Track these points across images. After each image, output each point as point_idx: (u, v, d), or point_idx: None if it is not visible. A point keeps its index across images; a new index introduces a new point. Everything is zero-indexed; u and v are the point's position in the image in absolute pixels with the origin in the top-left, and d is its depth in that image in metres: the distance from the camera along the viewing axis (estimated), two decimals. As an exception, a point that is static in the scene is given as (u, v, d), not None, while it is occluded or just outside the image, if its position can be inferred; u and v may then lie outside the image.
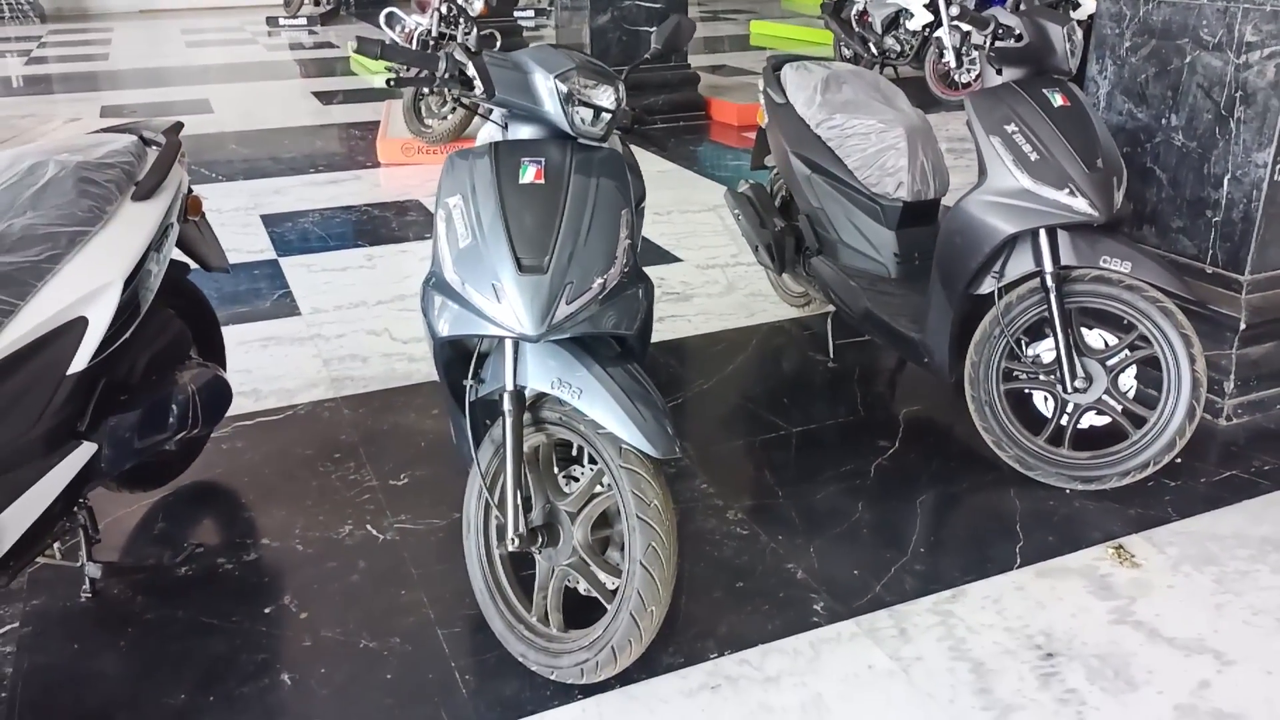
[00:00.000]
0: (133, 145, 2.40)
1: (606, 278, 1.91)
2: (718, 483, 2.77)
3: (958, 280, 2.71)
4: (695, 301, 4.07)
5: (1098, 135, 2.61)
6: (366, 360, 3.54)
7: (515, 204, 1.92)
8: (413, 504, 2.68)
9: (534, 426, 2.03)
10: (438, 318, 1.97)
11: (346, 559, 2.46)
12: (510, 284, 1.86)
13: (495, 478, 2.07)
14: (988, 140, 2.60)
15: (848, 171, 3.21)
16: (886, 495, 2.71)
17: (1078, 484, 2.69)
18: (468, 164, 2.00)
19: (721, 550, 2.48)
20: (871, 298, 3.13)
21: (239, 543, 2.53)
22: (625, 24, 7.52)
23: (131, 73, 10.07)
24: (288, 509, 2.67)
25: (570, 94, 1.95)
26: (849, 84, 3.36)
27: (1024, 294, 2.68)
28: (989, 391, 2.74)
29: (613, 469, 1.91)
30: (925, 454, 2.90)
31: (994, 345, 2.73)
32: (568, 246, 1.89)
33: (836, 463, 2.86)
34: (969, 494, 2.72)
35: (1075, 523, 2.58)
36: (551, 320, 1.85)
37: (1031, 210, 2.55)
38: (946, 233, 2.71)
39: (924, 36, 8.23)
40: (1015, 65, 2.65)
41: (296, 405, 3.22)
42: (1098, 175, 2.54)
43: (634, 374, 1.94)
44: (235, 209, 5.35)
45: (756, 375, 3.47)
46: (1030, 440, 2.73)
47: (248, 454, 2.94)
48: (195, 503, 2.71)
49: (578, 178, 1.96)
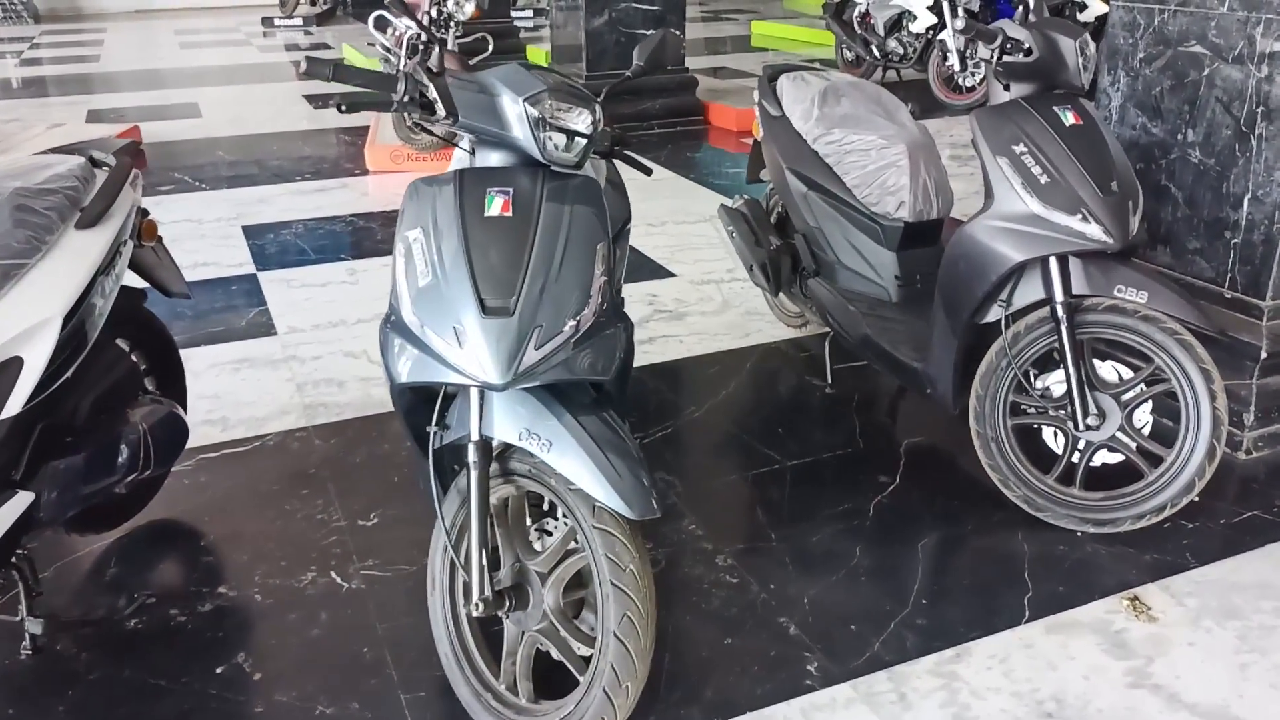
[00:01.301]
0: (79, 168, 2.25)
1: (580, 319, 1.75)
2: (706, 523, 2.61)
3: (962, 309, 2.55)
4: (688, 320, 3.90)
5: (1112, 156, 2.44)
6: (343, 385, 3.38)
7: (480, 238, 1.75)
8: (381, 547, 2.52)
9: (502, 477, 1.87)
10: (396, 362, 1.81)
11: (308, 610, 2.30)
12: (473, 327, 1.70)
13: (461, 533, 1.91)
14: (995, 161, 2.44)
15: (846, 189, 3.05)
16: (886, 538, 2.55)
17: (1089, 527, 2.53)
18: (430, 193, 1.83)
19: (709, 601, 2.32)
20: (871, 323, 2.96)
21: (194, 591, 2.37)
22: (621, 27, 7.35)
23: (121, 75, 9.92)
24: (249, 552, 2.51)
25: (541, 118, 1.79)
26: (848, 97, 3.20)
27: (1033, 323, 2.52)
28: (995, 427, 2.58)
29: (585, 529, 1.75)
30: (927, 491, 2.74)
31: (1000, 377, 2.56)
32: (537, 285, 1.73)
33: (834, 500, 2.70)
34: (974, 536, 2.56)
35: (1087, 570, 2.42)
36: (518, 367, 1.69)
37: (1041, 237, 2.38)
38: (951, 258, 2.55)
39: (927, 39, 8.06)
40: (1024, 81, 2.49)
41: (266, 435, 3.06)
42: (1112, 199, 2.37)
43: (610, 423, 1.78)
44: (216, 219, 5.20)
45: (750, 402, 3.30)
46: (1039, 479, 2.56)
47: (210, 490, 2.78)
48: (150, 546, 2.55)
49: (549, 209, 1.80)
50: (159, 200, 5.52)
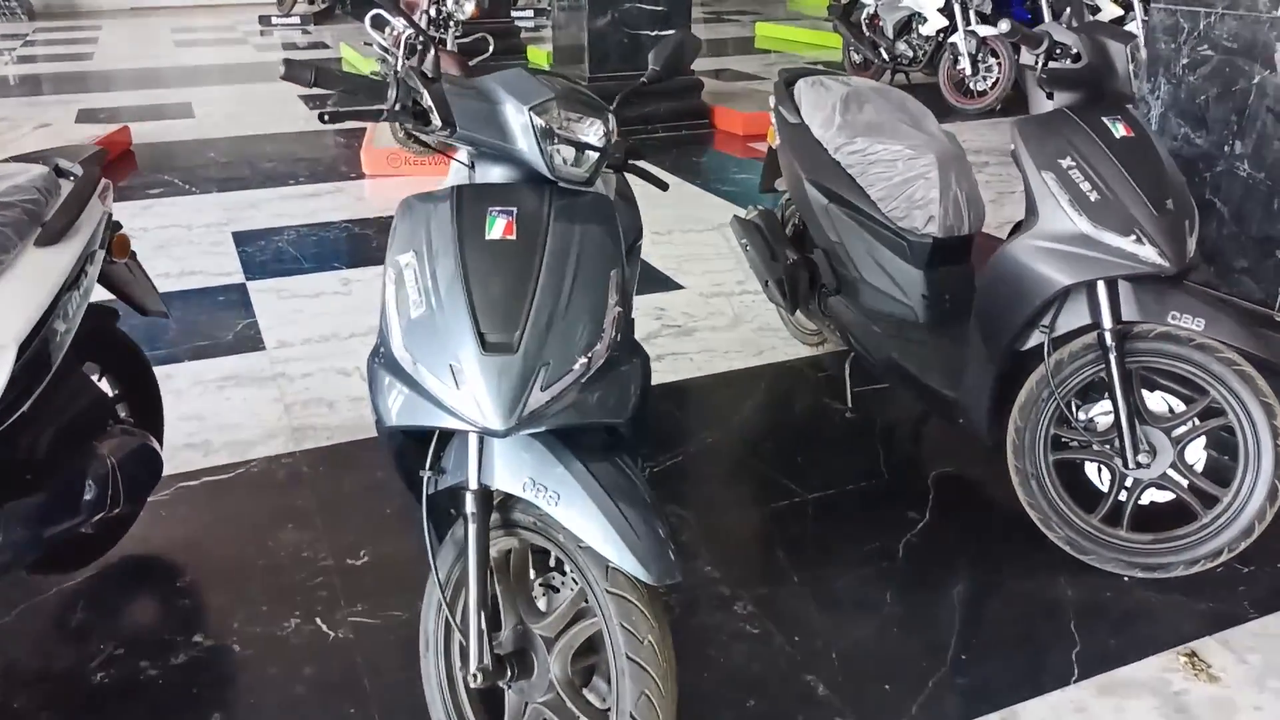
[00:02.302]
0: (41, 179, 2.05)
1: (591, 355, 1.56)
2: (724, 563, 2.42)
3: (1001, 335, 2.36)
4: (698, 336, 3.71)
5: (1166, 171, 2.25)
6: (333, 405, 3.19)
7: (480, 265, 1.56)
8: (371, 590, 2.32)
9: (504, 529, 1.67)
10: (385, 402, 1.61)
11: (290, 663, 2.11)
12: (472, 366, 1.50)
13: (457, 589, 1.72)
14: (1039, 176, 2.25)
15: (871, 202, 2.86)
16: (918, 582, 2.35)
17: (1138, 571, 2.34)
18: (424, 212, 1.64)
19: (729, 655, 2.12)
20: (897, 345, 2.77)
21: (167, 640, 2.17)
22: (625, 27, 7.15)
23: (114, 74, 9.71)
24: (228, 595, 2.32)
25: (549, 129, 1.60)
26: (871, 103, 3.00)
27: (1077, 351, 2.32)
28: (1036, 462, 2.38)
29: (597, 593, 1.55)
30: (960, 529, 2.55)
31: (1042, 409, 2.37)
32: (543, 318, 1.53)
33: (860, 538, 2.51)
34: (1013, 581, 2.36)
35: (1138, 621, 2.23)
36: (522, 411, 1.49)
37: (1091, 259, 2.19)
38: (990, 281, 2.36)
39: (938, 42, 7.87)
40: (1070, 89, 2.30)
41: (250, 461, 2.87)
42: (1168, 219, 2.18)
43: (625, 471, 1.59)
44: (206, 225, 5.00)
45: (767, 426, 3.11)
46: (1083, 519, 2.37)
47: (189, 522, 2.58)
48: (121, 587, 2.36)
49: (557, 231, 1.60)
50: (147, 204, 5.33)
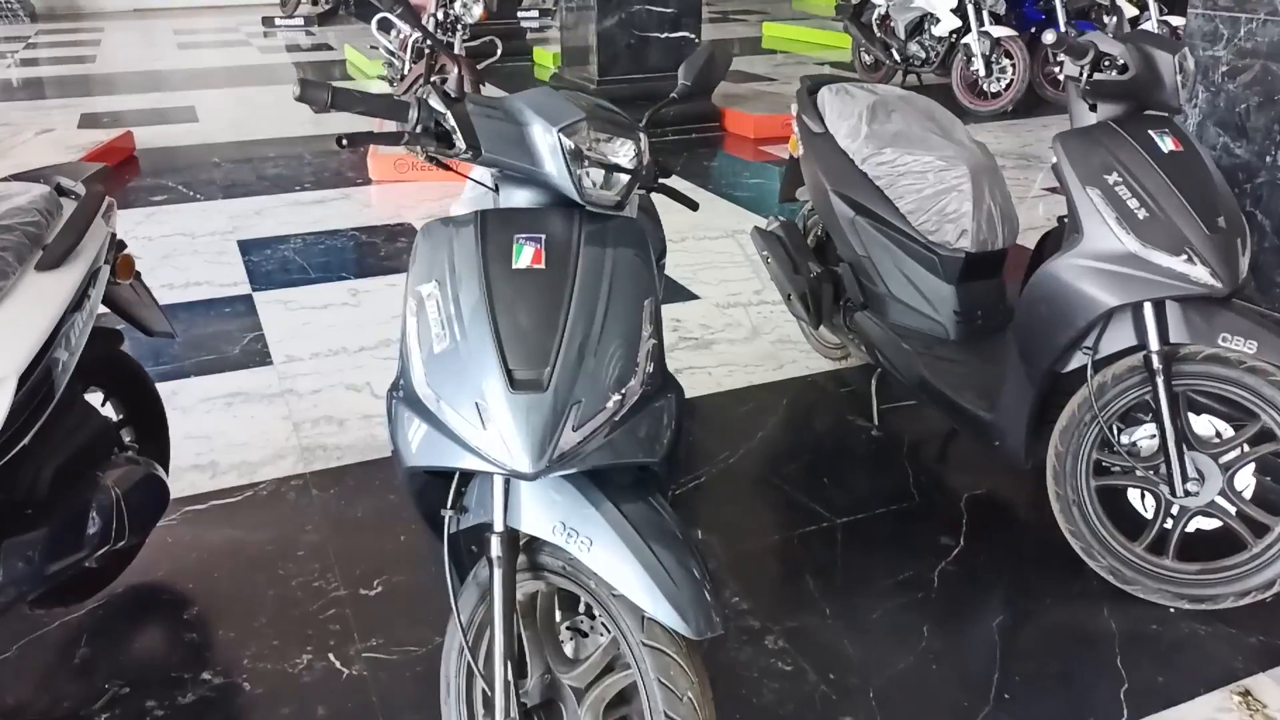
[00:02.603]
0: (42, 199, 1.96)
1: (625, 391, 1.47)
2: (752, 594, 2.32)
3: (1043, 356, 2.26)
4: (716, 349, 3.62)
5: (1216, 187, 2.15)
6: (343, 424, 3.10)
7: (506, 296, 1.47)
8: (386, 623, 2.23)
9: (530, 572, 1.58)
10: (405, 440, 1.52)
11: (302, 703, 2.02)
12: (499, 404, 1.41)
13: (480, 634, 1.62)
14: (1084, 192, 2.15)
15: (900, 215, 2.76)
16: (956, 613, 2.26)
17: (1185, 603, 2.24)
18: (446, 238, 1.55)
19: (761, 695, 2.03)
20: (928, 363, 2.67)
21: (174, 678, 2.08)
22: (634, 29, 7.06)
23: (117, 77, 9.63)
24: (237, 628, 2.23)
25: (578, 151, 1.51)
26: (899, 112, 2.91)
27: (1122, 373, 2.23)
28: (1078, 489, 2.29)
29: (632, 645, 1.46)
30: (996, 555, 2.45)
31: (1084, 433, 2.27)
32: (574, 353, 1.44)
33: (892, 567, 2.41)
34: (1054, 612, 2.27)
35: (1187, 655, 2.14)
36: (553, 453, 1.40)
37: (1139, 279, 2.09)
38: (1031, 301, 2.26)
39: (951, 43, 7.77)
40: (1114, 101, 2.20)
41: (259, 484, 2.78)
42: (1220, 237, 2.09)
43: (660, 514, 1.50)
44: (211, 234, 4.91)
45: (790, 446, 3.02)
46: (1127, 548, 2.28)
47: (196, 550, 2.49)
48: (126, 619, 2.27)
49: (588, 259, 1.51)
50: (151, 212, 5.24)
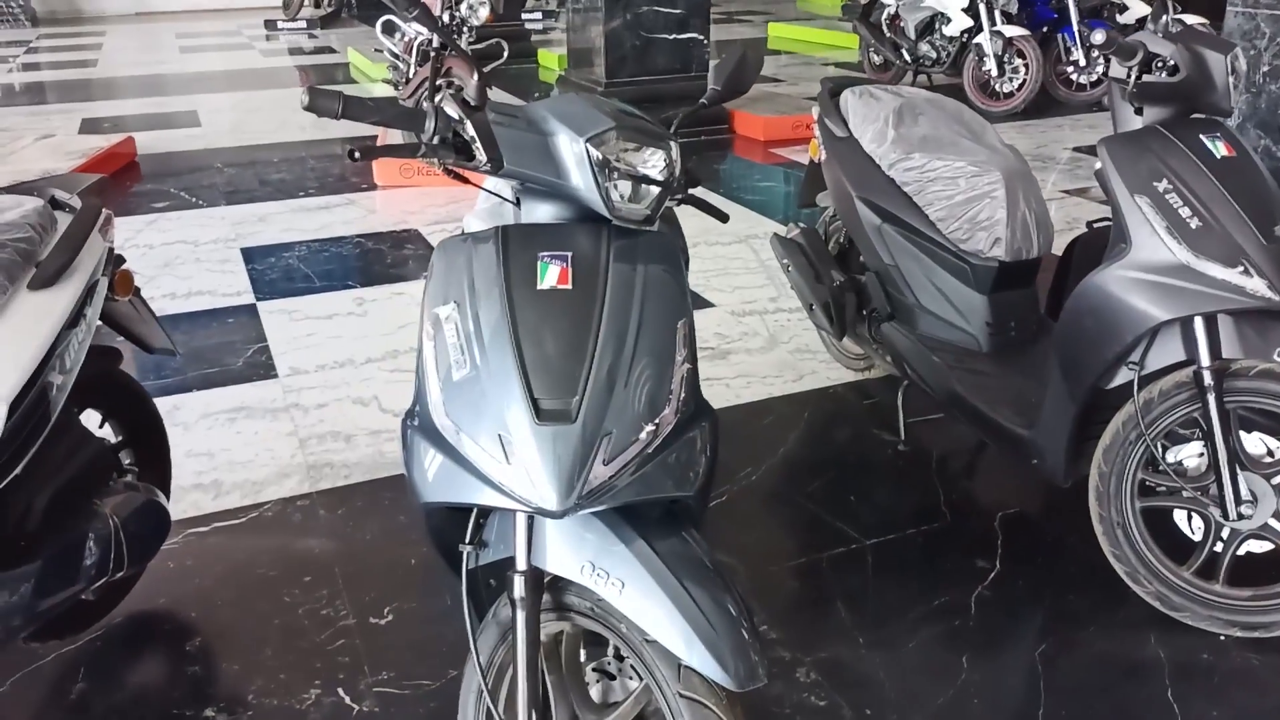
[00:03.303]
0: (35, 214, 1.86)
1: (659, 421, 1.36)
2: (781, 622, 2.22)
3: (1087, 372, 2.15)
4: (733, 360, 3.51)
5: (1272, 194, 2.05)
6: (350, 440, 2.99)
7: (531, 318, 1.37)
8: (398, 654, 2.13)
9: (555, 612, 1.48)
10: (423, 474, 1.42)
11: (311, 743, 1.92)
12: (524, 437, 1.31)
13: (500, 676, 1.52)
14: (1132, 201, 2.04)
15: (929, 223, 2.65)
16: (996, 643, 2.15)
17: (1236, 631, 2.13)
18: (465, 255, 1.45)
19: (795, 733, 1.93)
20: (960, 377, 2.57)
21: (175, 715, 1.98)
22: (641, 30, 6.96)
23: (118, 81, 9.55)
24: (241, 661, 2.12)
25: (606, 162, 1.40)
26: (926, 115, 2.80)
27: (1169, 389, 2.12)
28: (1123, 511, 2.18)
29: (667, 695, 1.35)
30: (1035, 579, 2.35)
31: (1130, 452, 2.17)
32: (604, 381, 1.34)
33: (927, 593, 2.30)
34: (1099, 641, 2.16)
35: (1241, 687, 2.03)
36: (582, 489, 1.30)
37: (1192, 292, 1.99)
38: (1075, 313, 2.15)
39: (962, 43, 7.66)
40: (1161, 104, 2.09)
41: (263, 504, 2.67)
42: (1277, 247, 1.98)
43: (696, 550, 1.40)
44: (214, 241, 4.81)
45: (814, 461, 2.91)
46: (1174, 573, 2.17)
47: (198, 575, 2.39)
48: (125, 651, 2.17)
49: (617, 279, 1.41)
50: (152, 219, 5.15)
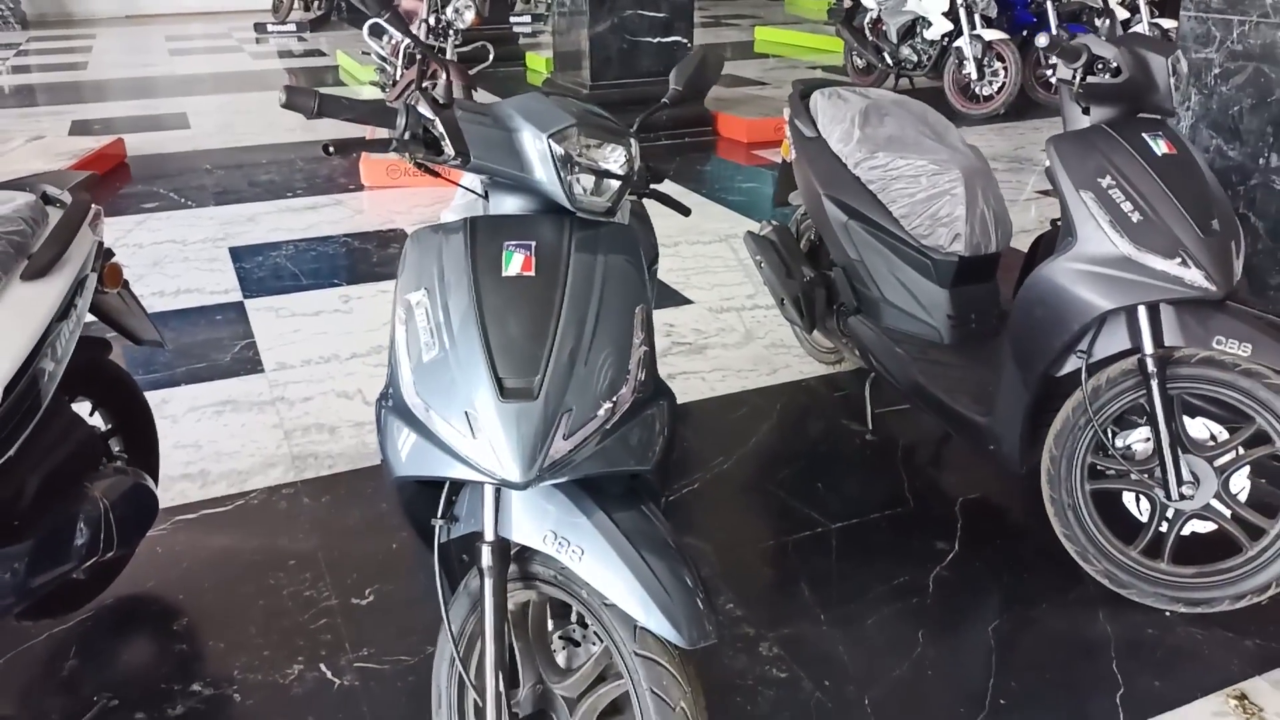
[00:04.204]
0: (27, 208, 1.94)
1: (617, 399, 1.46)
2: (746, 601, 2.31)
3: (1037, 360, 2.25)
4: (710, 354, 3.61)
5: (1210, 190, 2.15)
6: (334, 431, 3.08)
7: (496, 303, 1.46)
8: (378, 632, 2.22)
9: (521, 581, 1.57)
10: (395, 450, 1.51)
11: (294, 714, 2.00)
12: (489, 413, 1.40)
13: (471, 643, 1.61)
14: (1077, 196, 2.14)
15: (893, 219, 2.75)
16: (952, 619, 2.25)
17: (1181, 606, 2.23)
18: (435, 245, 1.54)
19: (756, 704, 2.02)
20: (922, 368, 2.67)
21: (163, 690, 2.06)
22: (626, 34, 7.06)
23: (108, 84, 9.61)
24: (227, 639, 2.21)
25: (568, 157, 1.49)
26: (892, 116, 2.90)
27: (1116, 377, 2.22)
28: (1072, 493, 2.28)
29: (625, 655, 1.45)
30: (992, 561, 2.44)
31: (1079, 436, 2.27)
32: (565, 361, 1.43)
33: (887, 572, 2.40)
34: (1050, 618, 2.26)
35: (1183, 660, 2.13)
36: (543, 462, 1.39)
37: (1133, 283, 2.09)
38: (1026, 304, 2.25)
39: (943, 46, 7.78)
40: (1107, 103, 2.20)
41: (249, 493, 2.76)
42: (1214, 240, 2.08)
43: (653, 523, 1.49)
44: (202, 240, 4.89)
45: (784, 451, 3.00)
46: (1122, 552, 2.27)
47: (186, 560, 2.47)
48: (115, 631, 2.25)
49: (578, 266, 1.50)
50: (141, 219, 5.22)
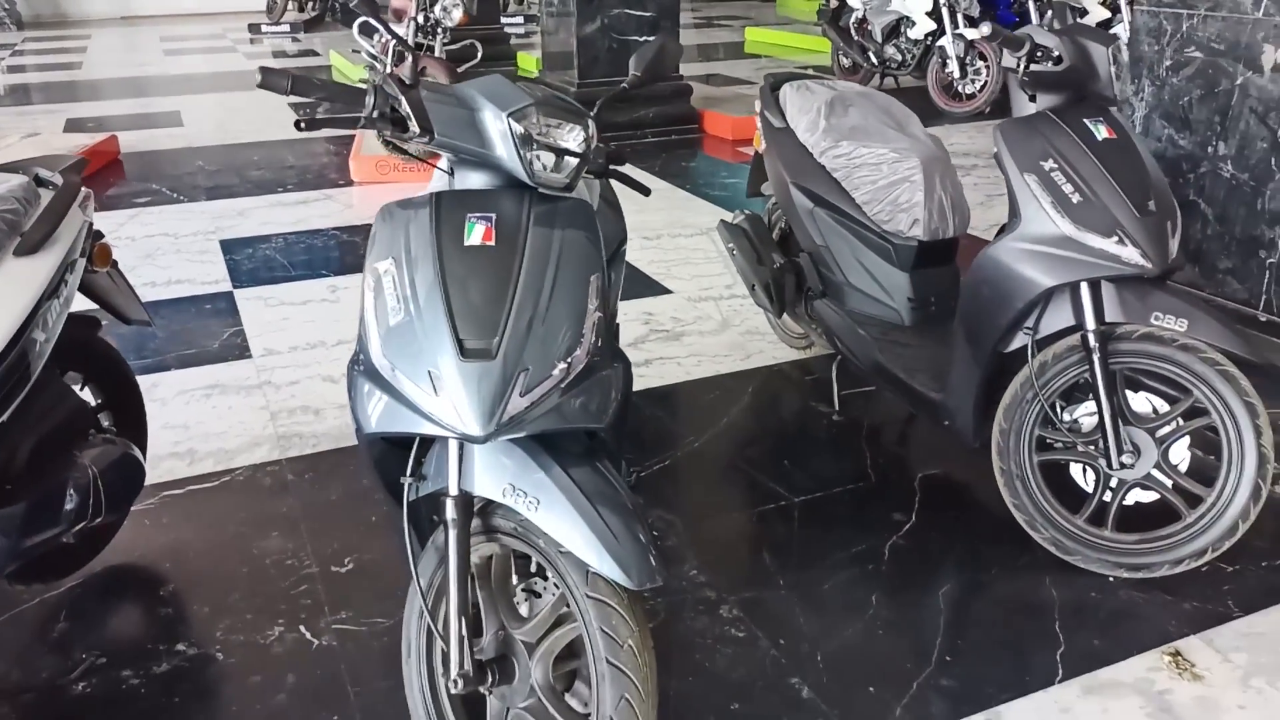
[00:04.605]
0: (20, 189, 2.05)
1: (571, 360, 1.56)
2: (710, 567, 2.41)
3: (985, 337, 2.36)
4: (686, 341, 3.71)
5: (1149, 172, 2.26)
6: (319, 413, 3.18)
7: (458, 271, 1.56)
8: (355, 597, 2.32)
9: (485, 535, 1.67)
10: (364, 409, 1.61)
11: (273, 671, 2.10)
12: (451, 372, 1.50)
13: (438, 596, 1.71)
14: (1021, 178, 2.25)
15: (856, 206, 2.86)
16: (904, 584, 2.35)
17: (1123, 571, 2.34)
18: (404, 219, 1.64)
19: (714, 660, 2.12)
20: (883, 348, 2.77)
21: (150, 650, 2.16)
22: (614, 33, 7.16)
23: (103, 83, 9.70)
24: (212, 604, 2.31)
25: (528, 135, 1.60)
26: (856, 107, 3.01)
27: (1061, 353, 2.33)
28: (1020, 464, 2.39)
29: (577, 598, 1.55)
30: (946, 531, 2.55)
31: (1026, 410, 2.38)
32: (523, 324, 1.53)
33: (846, 542, 2.51)
34: (999, 583, 2.36)
35: (1123, 621, 2.23)
36: (501, 417, 1.49)
37: (1074, 261, 2.20)
38: (973, 283, 2.36)
39: (926, 45, 7.90)
40: (1052, 91, 2.30)
41: (235, 469, 2.86)
42: (1150, 220, 2.19)
43: (605, 477, 1.59)
44: (193, 233, 4.99)
45: (754, 430, 3.11)
46: (1068, 520, 2.37)
47: (173, 531, 2.57)
48: (104, 596, 2.35)
49: (536, 237, 1.60)
50: (135, 213, 5.32)
